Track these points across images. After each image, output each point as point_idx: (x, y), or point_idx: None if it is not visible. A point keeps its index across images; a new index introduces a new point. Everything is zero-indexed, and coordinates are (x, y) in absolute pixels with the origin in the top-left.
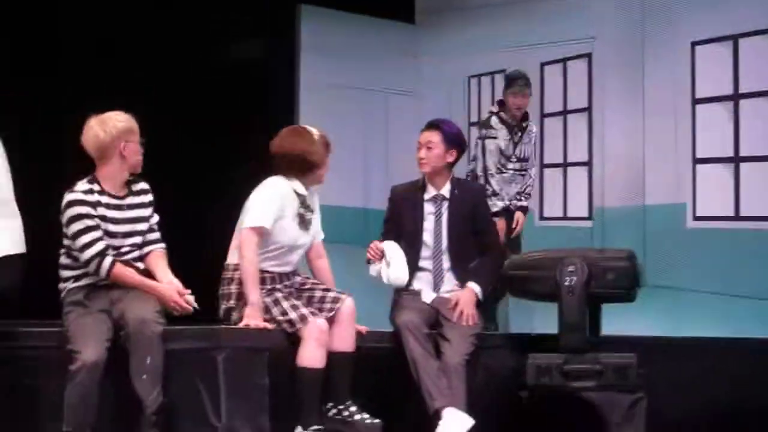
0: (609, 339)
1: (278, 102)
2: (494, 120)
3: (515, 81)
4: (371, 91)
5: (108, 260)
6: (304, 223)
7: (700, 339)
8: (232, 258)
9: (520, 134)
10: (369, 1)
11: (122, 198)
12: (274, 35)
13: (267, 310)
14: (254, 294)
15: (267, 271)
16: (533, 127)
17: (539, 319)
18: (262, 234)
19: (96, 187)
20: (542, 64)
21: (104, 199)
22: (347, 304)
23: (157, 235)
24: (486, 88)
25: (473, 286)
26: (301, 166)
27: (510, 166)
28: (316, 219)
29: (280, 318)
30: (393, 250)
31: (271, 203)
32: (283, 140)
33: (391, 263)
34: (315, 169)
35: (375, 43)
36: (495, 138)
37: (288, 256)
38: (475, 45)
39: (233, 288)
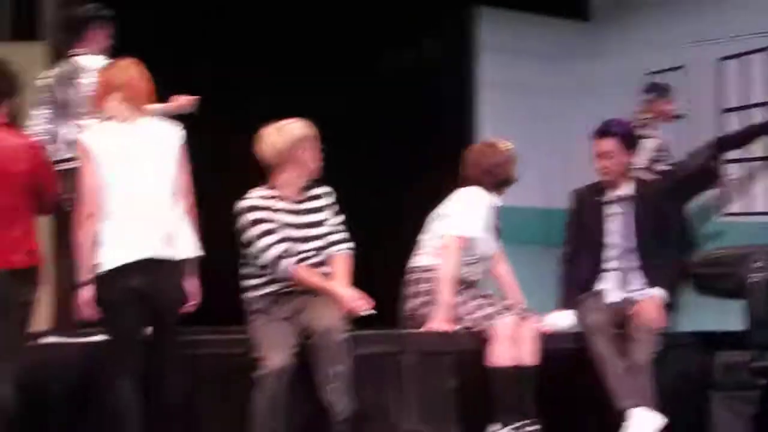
0: None
1: (458, 102)
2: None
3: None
4: (549, 90)
5: (288, 262)
6: (496, 234)
7: None
8: (420, 261)
9: None
10: (545, 1)
11: (300, 203)
12: (454, 36)
13: (467, 315)
14: (450, 297)
15: (461, 278)
16: None
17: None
18: (468, 243)
19: (271, 192)
20: (721, 59)
21: (280, 204)
22: (530, 324)
23: (341, 236)
24: None
25: (657, 292)
26: (500, 181)
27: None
28: None
29: (468, 318)
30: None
31: (480, 214)
32: (481, 155)
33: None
34: (510, 183)
35: (552, 42)
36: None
37: (481, 266)
38: (652, 41)
39: (422, 286)
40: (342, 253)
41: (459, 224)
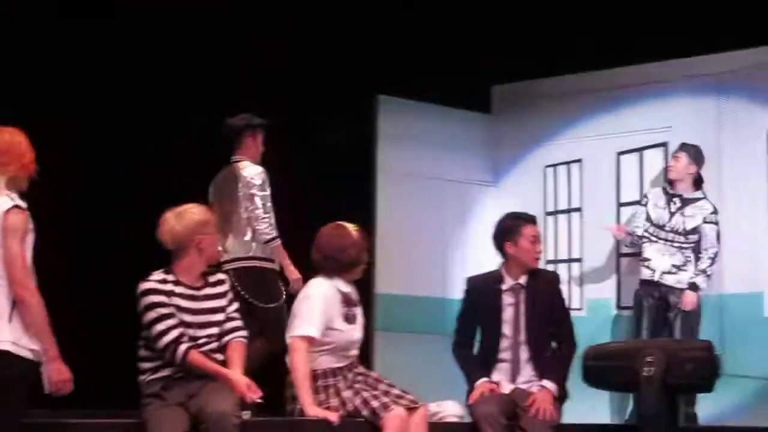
0: (686, 429)
1: (356, 189)
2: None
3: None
4: (448, 181)
5: (183, 347)
6: (349, 319)
7: None
8: None
9: (680, 205)
10: (445, 92)
11: (198, 289)
12: (353, 123)
13: (344, 403)
14: (307, 400)
15: (328, 368)
16: (706, 204)
17: None
18: (310, 342)
19: (170, 277)
20: (618, 153)
21: (178, 290)
22: (421, 413)
23: (235, 323)
24: (562, 178)
25: (549, 385)
26: (343, 266)
27: (662, 235)
28: (360, 310)
29: (350, 404)
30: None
31: (317, 311)
32: (323, 240)
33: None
34: (356, 266)
35: (452, 132)
36: (644, 205)
37: (344, 352)
38: (551, 135)
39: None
40: (236, 341)
41: (296, 325)
